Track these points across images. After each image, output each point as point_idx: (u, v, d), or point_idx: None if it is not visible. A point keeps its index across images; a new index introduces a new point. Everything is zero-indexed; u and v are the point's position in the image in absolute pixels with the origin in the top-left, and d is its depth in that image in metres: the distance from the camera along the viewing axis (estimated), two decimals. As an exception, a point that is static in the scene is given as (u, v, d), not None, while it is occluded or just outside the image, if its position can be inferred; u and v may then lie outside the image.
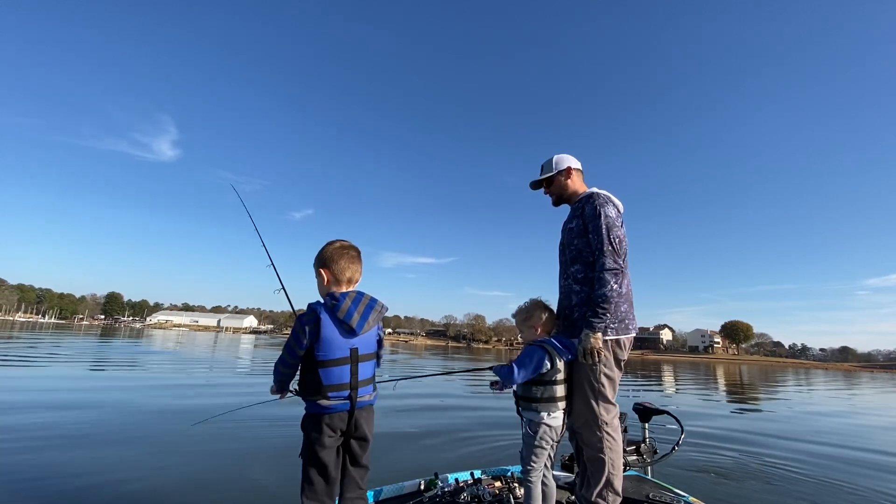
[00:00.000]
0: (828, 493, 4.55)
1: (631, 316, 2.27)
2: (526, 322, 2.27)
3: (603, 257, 2.15)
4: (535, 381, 2.08)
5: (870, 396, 20.09)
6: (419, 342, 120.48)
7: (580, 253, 2.28)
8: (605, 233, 2.18)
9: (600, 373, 2.13)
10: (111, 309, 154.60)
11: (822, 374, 48.79)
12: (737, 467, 5.35)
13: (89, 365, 13.66)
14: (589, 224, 2.26)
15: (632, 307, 2.30)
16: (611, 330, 2.17)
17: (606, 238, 2.17)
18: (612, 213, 2.25)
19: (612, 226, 2.20)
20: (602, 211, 2.23)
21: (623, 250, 2.22)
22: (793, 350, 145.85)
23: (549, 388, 2.07)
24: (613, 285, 2.11)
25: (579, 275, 2.27)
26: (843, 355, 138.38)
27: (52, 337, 29.98)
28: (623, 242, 2.23)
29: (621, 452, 2.18)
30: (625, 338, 2.22)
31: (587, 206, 2.30)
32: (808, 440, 7.61)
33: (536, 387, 2.08)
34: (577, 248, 2.30)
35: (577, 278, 2.27)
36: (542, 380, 2.08)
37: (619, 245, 2.19)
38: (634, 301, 2.35)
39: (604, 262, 2.14)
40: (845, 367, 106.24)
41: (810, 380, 33.64)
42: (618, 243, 2.19)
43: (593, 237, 2.22)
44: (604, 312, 2.10)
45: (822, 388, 24.86)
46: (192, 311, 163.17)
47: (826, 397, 18.13)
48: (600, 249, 2.17)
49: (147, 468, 4.10)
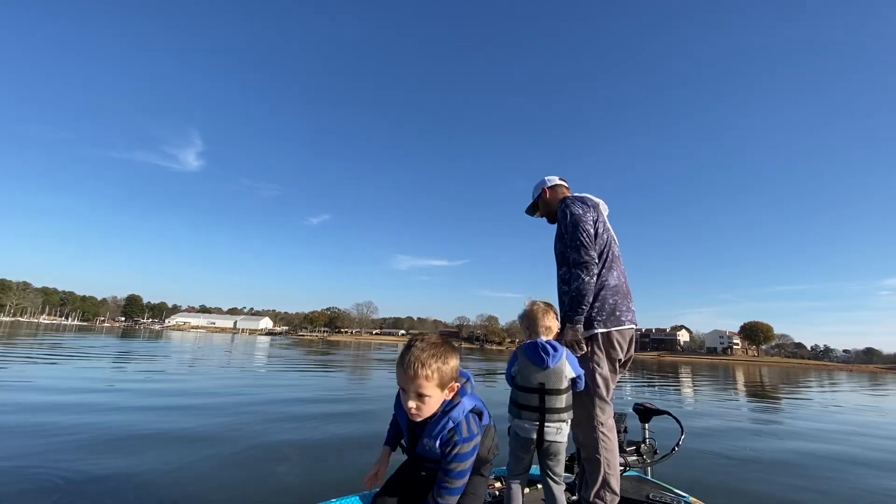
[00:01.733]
0: (831, 494, 4.44)
1: (624, 308, 2.24)
2: (521, 324, 2.24)
3: (572, 253, 2.24)
4: (514, 385, 2.05)
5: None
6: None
7: (563, 255, 2.37)
8: (572, 230, 2.27)
9: (594, 372, 2.13)
10: (131, 311, 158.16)
11: (845, 376, 47.42)
12: (737, 468, 5.26)
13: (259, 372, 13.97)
14: (560, 226, 2.40)
15: (626, 299, 2.28)
16: (598, 323, 2.18)
17: (574, 234, 2.25)
18: (578, 210, 2.32)
19: (578, 221, 2.27)
20: (568, 211, 2.34)
21: (601, 242, 2.29)
22: (815, 351, 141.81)
23: (516, 393, 2.02)
24: (585, 278, 2.16)
25: (565, 276, 2.32)
26: (867, 357, 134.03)
27: (112, 341, 30.69)
28: (599, 235, 2.30)
29: (617, 452, 2.18)
30: (615, 331, 2.19)
31: (559, 211, 2.43)
32: (820, 440, 7.43)
33: (512, 390, 2.06)
34: (560, 250, 2.42)
35: (564, 279, 2.34)
36: (514, 382, 2.05)
37: (587, 238, 2.23)
38: (643, 296, 2.33)
39: (573, 257, 2.22)
40: (871, 368, 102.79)
41: (834, 382, 32.69)
42: (586, 236, 2.23)
43: (566, 237, 2.31)
44: (577, 305, 2.15)
45: (847, 389, 24.14)
46: (210, 313, 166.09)
47: (848, 399, 17.56)
48: (570, 246, 2.26)
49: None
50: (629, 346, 2.27)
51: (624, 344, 2.23)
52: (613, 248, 2.37)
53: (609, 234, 2.40)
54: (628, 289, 2.35)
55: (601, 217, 2.41)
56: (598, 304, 2.21)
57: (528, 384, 1.97)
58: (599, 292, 2.22)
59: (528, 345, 2.04)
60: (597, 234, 2.30)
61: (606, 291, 2.21)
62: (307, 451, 4.89)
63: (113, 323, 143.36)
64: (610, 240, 2.37)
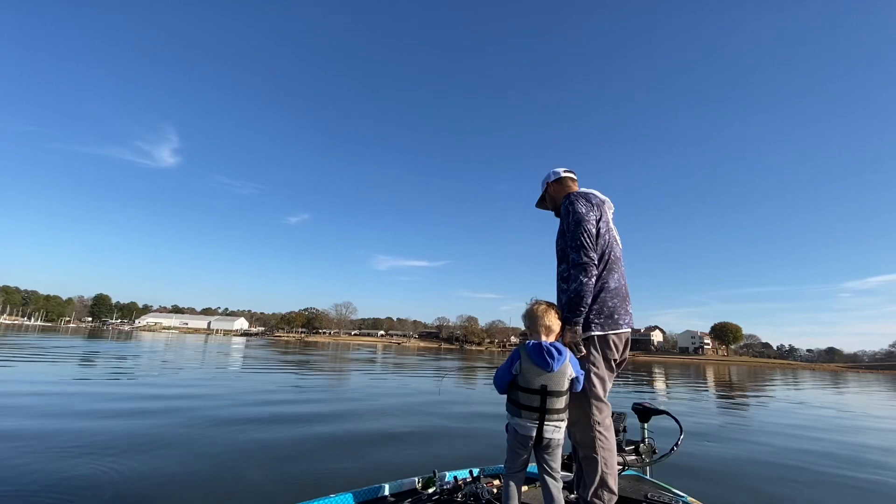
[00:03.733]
0: (826, 491, 4.56)
1: (622, 311, 2.23)
2: (524, 323, 2.23)
3: (572, 253, 2.20)
4: (511, 383, 2.03)
5: (861, 397, 20.44)
6: (412, 344, 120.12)
7: (563, 252, 2.33)
8: (573, 229, 2.22)
9: (590, 372, 2.12)
10: (99, 311, 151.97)
11: (809, 375, 49.50)
12: (736, 467, 5.35)
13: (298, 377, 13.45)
14: (562, 223, 2.35)
15: (624, 302, 2.26)
16: (595, 326, 2.16)
17: (575, 233, 2.21)
18: (582, 209, 2.26)
19: (580, 220, 2.22)
20: (571, 208, 2.27)
21: (602, 243, 2.23)
22: (781, 351, 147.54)
23: (517, 393, 1.99)
24: (583, 279, 2.12)
25: (564, 273, 2.29)
26: (829, 356, 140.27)
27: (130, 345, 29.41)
28: (601, 235, 2.24)
29: (615, 451, 2.17)
30: (612, 333, 2.19)
31: (563, 207, 2.38)
32: (807, 437, 7.70)
33: (511, 388, 2.04)
34: (561, 247, 2.37)
35: (563, 277, 2.31)
36: (514, 382, 2.02)
37: (588, 238, 2.19)
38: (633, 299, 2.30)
39: (573, 257, 2.19)
40: (832, 367, 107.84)
41: (798, 380, 34.04)
42: (587, 237, 2.19)
43: (567, 235, 2.27)
44: (576, 307, 2.12)
45: (812, 388, 25.22)
46: (182, 314, 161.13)
47: (819, 397, 18.39)
48: (570, 246, 2.22)
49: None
50: (625, 348, 2.28)
51: (620, 345, 2.24)
52: (615, 250, 2.33)
53: (611, 234, 2.35)
54: (627, 291, 2.33)
55: (605, 216, 2.35)
56: (597, 306, 2.19)
57: (531, 385, 1.95)
58: (599, 294, 2.20)
59: (533, 346, 1.99)
60: (598, 235, 2.25)
61: (606, 294, 2.19)
62: (274, 451, 4.85)
63: (79, 323, 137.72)
64: (612, 241, 2.32)
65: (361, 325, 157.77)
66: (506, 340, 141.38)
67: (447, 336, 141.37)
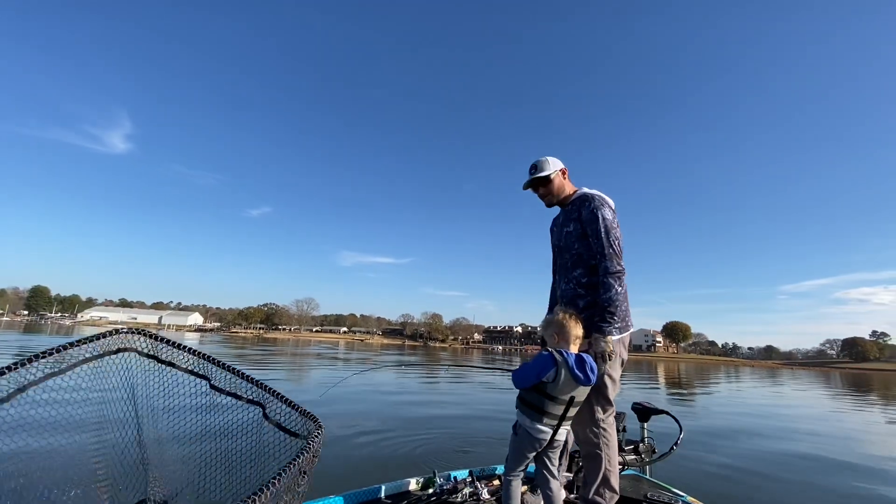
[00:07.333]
0: (823, 491, 4.69)
1: (629, 312, 2.29)
2: (546, 330, 2.19)
3: (605, 261, 2.16)
4: (535, 387, 1.97)
5: (808, 396, 21.96)
6: (375, 341, 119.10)
7: (581, 257, 2.27)
8: (604, 236, 2.18)
9: (605, 373, 2.12)
10: (36, 304, 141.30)
11: (749, 371, 52.48)
12: (734, 466, 5.43)
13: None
14: (588, 228, 2.24)
15: (628, 302, 2.33)
16: (616, 330, 2.16)
17: (606, 241, 2.17)
18: (609, 216, 2.24)
19: (610, 228, 2.20)
20: (600, 214, 2.22)
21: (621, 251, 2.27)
22: (725, 349, 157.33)
23: (542, 399, 1.94)
24: (618, 288, 2.12)
25: (583, 279, 2.25)
26: (767, 354, 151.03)
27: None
28: (621, 243, 2.25)
29: (617, 450, 2.19)
30: (627, 335, 2.26)
31: (583, 209, 2.28)
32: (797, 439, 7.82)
33: (533, 393, 1.98)
34: (578, 252, 2.29)
35: (582, 283, 2.26)
36: (540, 387, 1.96)
37: (620, 247, 2.21)
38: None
39: (607, 265, 2.15)
40: (770, 364, 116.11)
41: (741, 377, 35.56)
42: (619, 245, 2.20)
43: (594, 241, 2.21)
44: (611, 316, 2.11)
45: (756, 385, 26.65)
46: (131, 308, 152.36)
47: (782, 396, 19.41)
48: (602, 253, 2.17)
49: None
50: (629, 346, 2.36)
51: (629, 345, 2.31)
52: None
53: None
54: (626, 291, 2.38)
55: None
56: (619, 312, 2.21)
57: (560, 395, 1.93)
58: None
59: (576, 359, 1.94)
60: None
61: (620, 297, 2.19)
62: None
63: (13, 317, 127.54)
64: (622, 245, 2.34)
65: (324, 322, 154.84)
66: (469, 338, 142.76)
67: (411, 333, 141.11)
